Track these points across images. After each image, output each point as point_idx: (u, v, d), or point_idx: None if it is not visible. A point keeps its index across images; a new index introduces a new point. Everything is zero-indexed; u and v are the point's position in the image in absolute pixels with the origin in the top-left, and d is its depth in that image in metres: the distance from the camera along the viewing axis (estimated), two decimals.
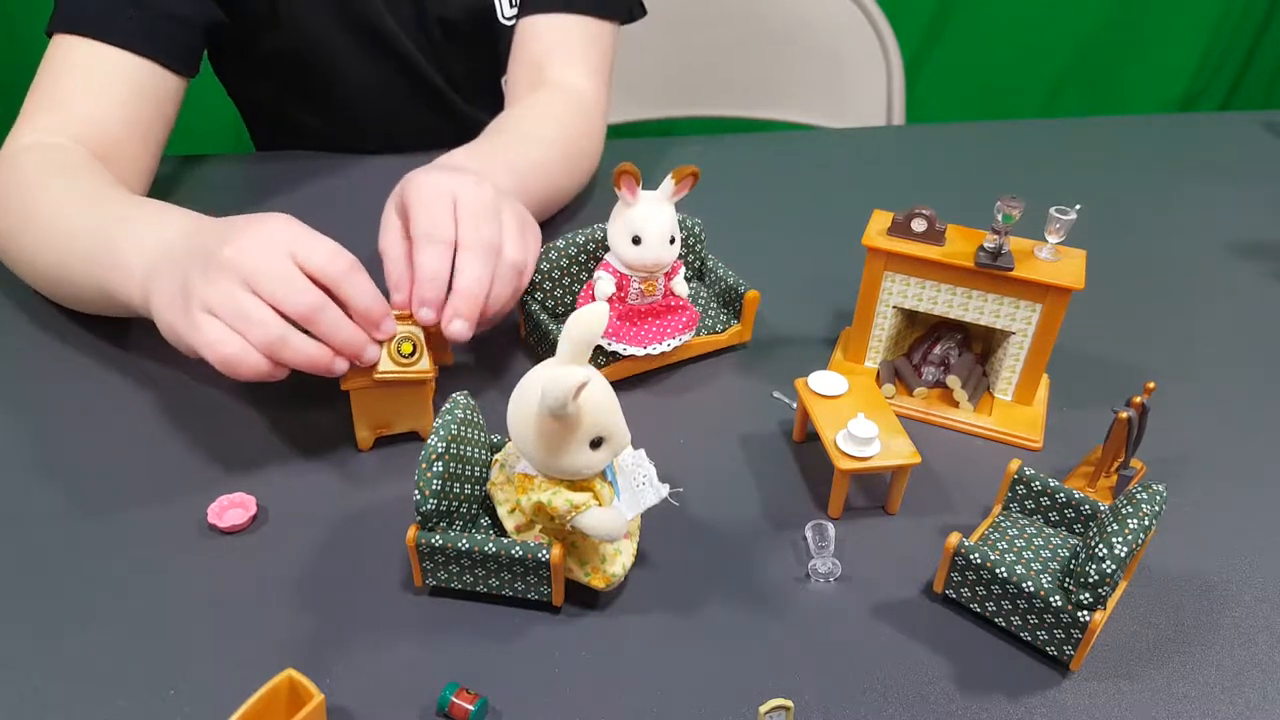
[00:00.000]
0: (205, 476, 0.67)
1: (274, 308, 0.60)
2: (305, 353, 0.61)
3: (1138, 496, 0.56)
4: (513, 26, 1.04)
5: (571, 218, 0.98)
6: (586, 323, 0.52)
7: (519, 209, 0.75)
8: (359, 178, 1.03)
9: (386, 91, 1.05)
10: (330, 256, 0.62)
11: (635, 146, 1.15)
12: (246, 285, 0.60)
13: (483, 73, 1.10)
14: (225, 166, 1.06)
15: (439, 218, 0.68)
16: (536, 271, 0.75)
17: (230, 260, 0.60)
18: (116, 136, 0.84)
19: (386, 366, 0.65)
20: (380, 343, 0.65)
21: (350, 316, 0.63)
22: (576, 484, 0.55)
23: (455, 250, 0.67)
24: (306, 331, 0.61)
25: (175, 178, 1.02)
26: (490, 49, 1.07)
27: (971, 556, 0.57)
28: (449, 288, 0.66)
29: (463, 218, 0.68)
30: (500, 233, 0.70)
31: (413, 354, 0.66)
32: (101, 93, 0.84)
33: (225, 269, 0.60)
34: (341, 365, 0.63)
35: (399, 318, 0.66)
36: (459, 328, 0.66)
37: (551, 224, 0.95)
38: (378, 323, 0.64)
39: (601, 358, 0.74)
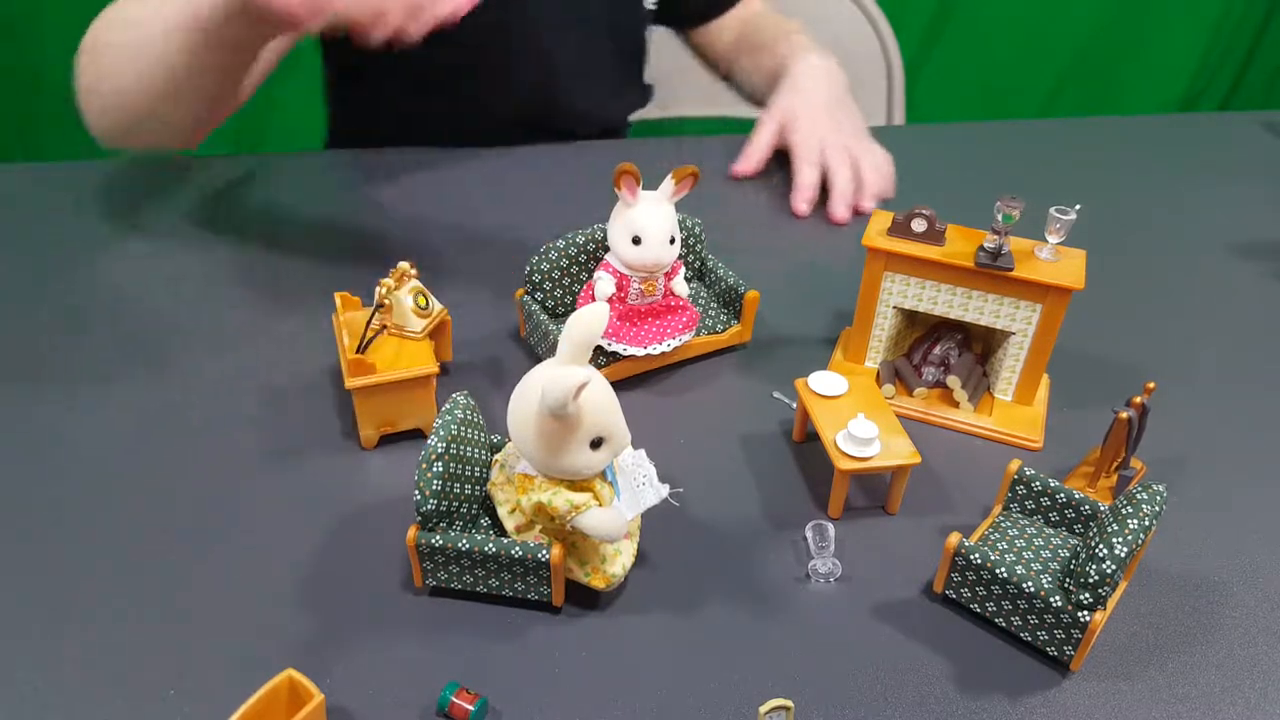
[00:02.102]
0: (205, 476, 0.67)
1: None
2: None
3: (1138, 496, 0.56)
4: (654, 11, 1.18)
5: (572, 218, 0.97)
6: (586, 323, 0.52)
7: (846, 107, 1.08)
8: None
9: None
10: None
11: (635, 146, 1.15)
12: None
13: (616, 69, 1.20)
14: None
15: (810, 149, 1.03)
16: (536, 271, 0.75)
17: None
18: None
19: (417, 325, 0.69)
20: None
21: None
22: (576, 484, 0.55)
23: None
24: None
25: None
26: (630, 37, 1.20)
27: (971, 556, 0.57)
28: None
29: (827, 147, 1.03)
30: (856, 147, 1.03)
31: (427, 304, 0.71)
32: None
33: None
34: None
35: (399, 274, 0.69)
36: (839, 214, 1.00)
37: (552, 224, 0.95)
38: None
39: (601, 358, 0.74)
